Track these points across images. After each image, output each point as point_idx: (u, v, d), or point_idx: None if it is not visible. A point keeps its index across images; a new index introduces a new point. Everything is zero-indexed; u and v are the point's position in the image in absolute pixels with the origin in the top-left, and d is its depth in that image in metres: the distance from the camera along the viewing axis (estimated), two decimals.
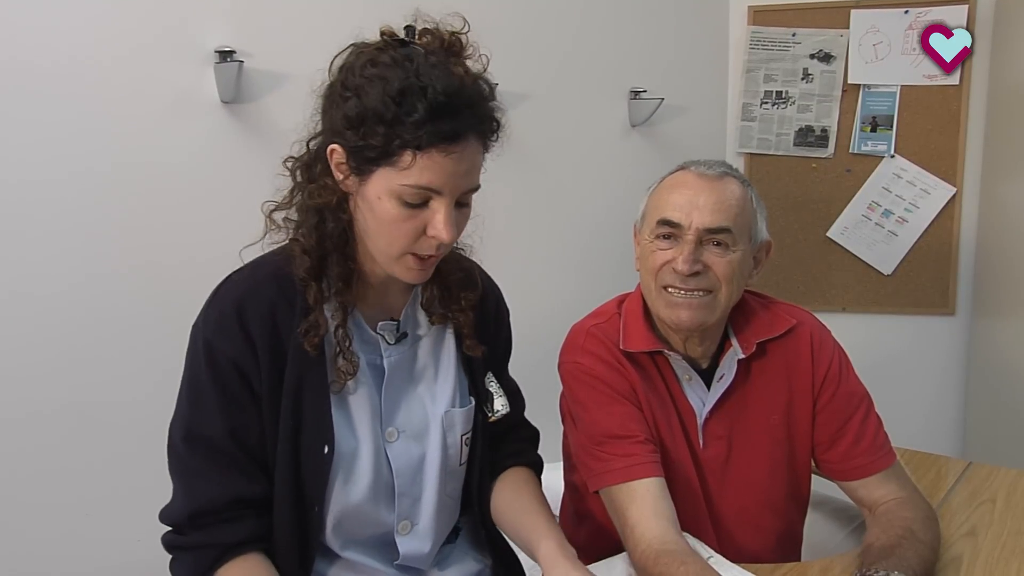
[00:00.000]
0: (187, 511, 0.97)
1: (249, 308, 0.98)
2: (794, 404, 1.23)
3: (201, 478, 0.98)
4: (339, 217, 0.99)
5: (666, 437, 1.19)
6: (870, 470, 1.20)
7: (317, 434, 1.00)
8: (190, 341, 1.01)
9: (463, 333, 1.11)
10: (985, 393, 2.59)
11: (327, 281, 1.01)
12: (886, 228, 2.68)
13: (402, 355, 1.08)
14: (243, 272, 1.03)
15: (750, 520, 1.22)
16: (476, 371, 1.14)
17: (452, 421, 1.10)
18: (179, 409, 1.01)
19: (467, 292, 1.12)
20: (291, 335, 0.99)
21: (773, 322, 1.23)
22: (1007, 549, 1.20)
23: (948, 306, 2.69)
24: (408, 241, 0.95)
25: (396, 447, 1.06)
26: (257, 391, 0.99)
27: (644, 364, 1.21)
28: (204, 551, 0.97)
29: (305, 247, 0.99)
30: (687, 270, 1.12)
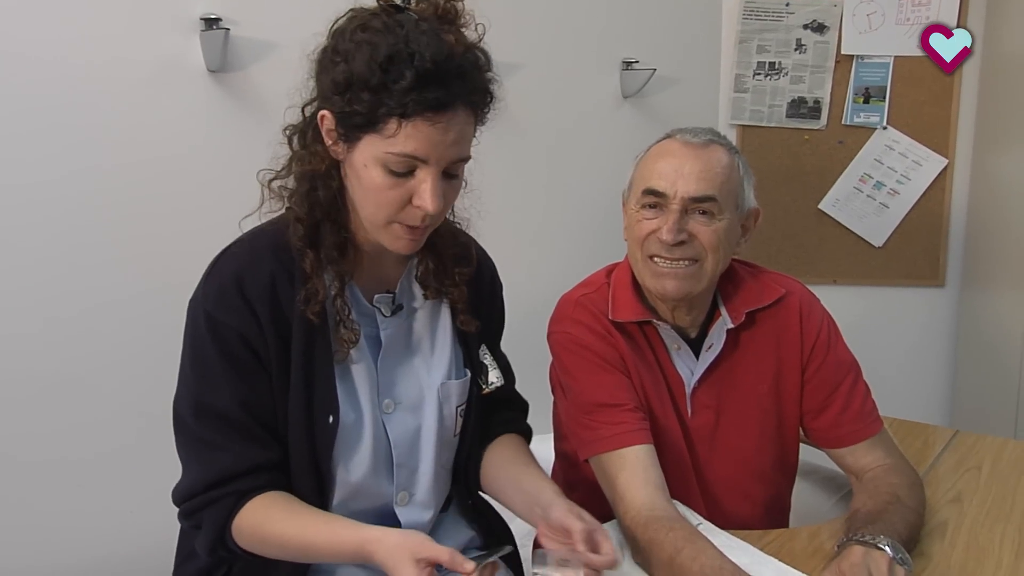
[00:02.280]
0: (204, 481, 0.97)
1: (248, 279, 0.97)
2: (783, 373, 1.23)
3: (217, 450, 0.97)
4: (329, 184, 0.98)
5: (655, 406, 1.19)
6: (857, 437, 1.20)
7: (323, 404, 1.00)
8: (189, 316, 0.99)
9: (457, 308, 1.11)
10: (973, 363, 2.61)
11: (323, 250, 1.00)
12: (877, 200, 2.68)
13: (398, 327, 1.08)
14: (240, 244, 1.02)
15: (738, 488, 1.23)
16: (471, 344, 1.14)
17: (448, 393, 1.10)
18: (184, 385, 1.00)
19: (462, 267, 1.11)
20: (292, 305, 0.98)
21: (762, 291, 1.23)
22: (991, 515, 1.22)
23: (938, 278, 2.70)
24: (393, 210, 0.94)
25: (393, 418, 1.06)
26: (264, 361, 0.98)
27: (633, 334, 1.21)
28: (223, 500, 0.97)
29: (298, 215, 0.99)
30: (672, 239, 1.12)
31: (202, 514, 0.98)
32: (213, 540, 0.98)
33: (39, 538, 1.65)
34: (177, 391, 1.01)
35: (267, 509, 0.97)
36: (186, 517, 1.00)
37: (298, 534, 0.96)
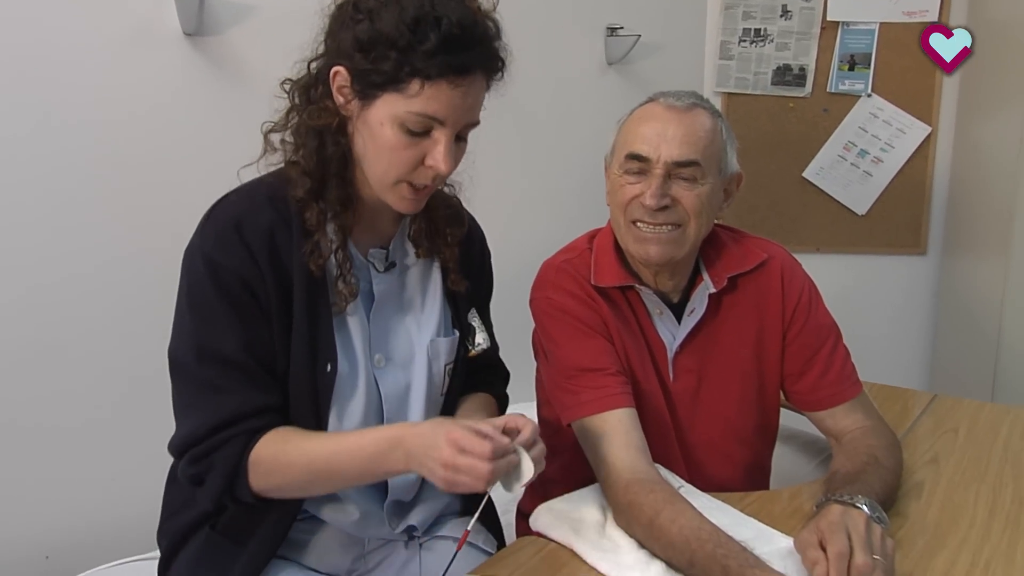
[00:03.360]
0: (210, 425, 0.95)
1: (247, 225, 0.97)
2: (764, 337, 1.24)
3: (223, 393, 0.96)
4: (339, 141, 0.99)
5: (637, 370, 1.20)
6: (837, 400, 1.22)
7: (322, 353, 1.01)
8: (186, 263, 0.99)
9: (448, 268, 1.13)
10: (952, 330, 2.64)
11: (326, 204, 1.01)
12: (861, 168, 2.68)
13: (390, 284, 1.09)
14: (238, 192, 1.02)
15: (719, 451, 1.24)
16: (460, 305, 1.16)
17: (437, 350, 1.11)
18: (183, 330, 0.98)
19: (453, 228, 1.14)
20: (292, 256, 0.99)
21: (744, 256, 1.24)
22: (967, 475, 1.24)
23: (920, 246, 2.72)
24: (406, 169, 0.96)
25: (384, 373, 1.07)
26: (263, 305, 0.98)
27: (615, 299, 1.21)
28: (234, 440, 0.96)
29: (306, 169, 0.99)
30: (655, 204, 1.12)
31: (212, 457, 0.96)
32: (224, 483, 0.96)
33: (20, 508, 1.65)
34: (173, 340, 1.00)
35: (284, 437, 0.98)
36: (193, 463, 0.97)
37: (323, 447, 0.97)
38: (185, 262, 0.99)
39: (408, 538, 1.17)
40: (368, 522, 1.12)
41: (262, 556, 1.04)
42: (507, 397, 1.28)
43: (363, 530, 1.12)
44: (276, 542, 1.04)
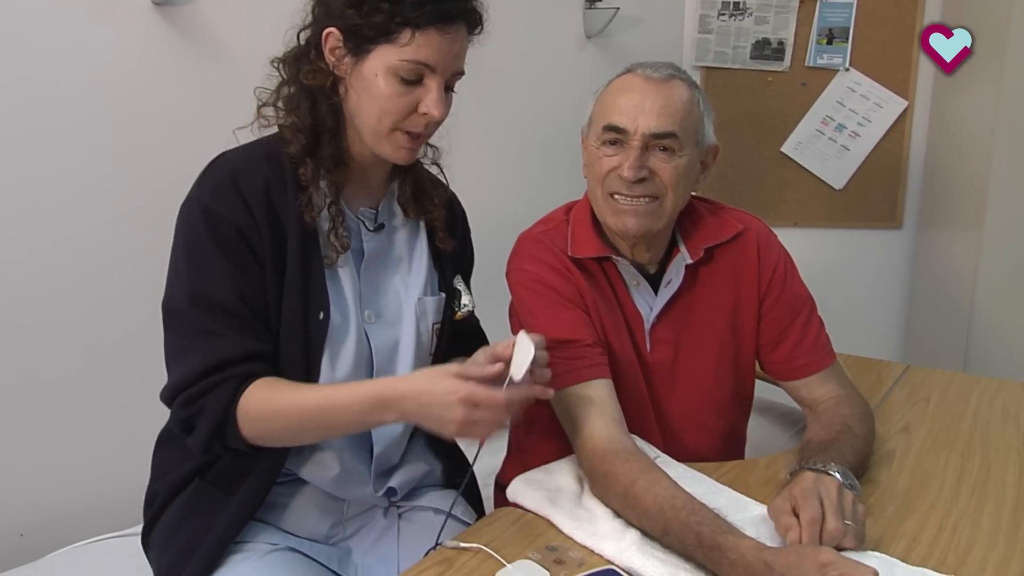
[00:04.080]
0: (201, 369, 0.97)
1: (244, 178, 1.01)
2: (740, 307, 1.25)
3: (215, 338, 0.98)
4: (332, 99, 1.04)
5: (614, 341, 1.20)
6: (811, 369, 1.23)
7: (315, 301, 1.04)
8: (183, 215, 1.03)
9: (435, 227, 1.17)
10: (927, 302, 2.68)
11: (319, 160, 1.05)
12: (839, 143, 2.70)
13: (380, 243, 1.13)
14: (235, 150, 1.06)
15: (696, 421, 1.25)
16: (445, 267, 1.19)
17: (424, 309, 1.14)
18: (178, 280, 1.01)
19: (438, 189, 1.20)
20: (287, 209, 1.03)
21: (721, 227, 1.24)
22: (937, 443, 1.27)
23: (896, 220, 2.75)
24: (400, 116, 1.01)
25: (374, 329, 1.10)
26: (259, 256, 1.01)
27: (592, 270, 1.22)
28: (225, 384, 0.98)
29: (300, 126, 1.04)
30: (633, 176, 1.12)
31: (202, 401, 0.97)
32: (214, 428, 0.97)
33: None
34: (168, 291, 1.02)
35: (274, 385, 1.00)
36: (184, 406, 0.98)
37: (316, 396, 0.99)
38: (182, 214, 1.03)
39: (388, 503, 1.19)
40: (349, 481, 1.13)
41: (247, 508, 1.06)
42: None
43: (344, 489, 1.14)
44: (262, 493, 1.07)
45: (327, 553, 1.12)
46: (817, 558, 0.76)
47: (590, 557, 0.94)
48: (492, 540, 0.97)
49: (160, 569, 1.09)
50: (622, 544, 0.94)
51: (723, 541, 0.84)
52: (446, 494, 1.23)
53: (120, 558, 1.36)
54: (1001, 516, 1.03)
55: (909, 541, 0.97)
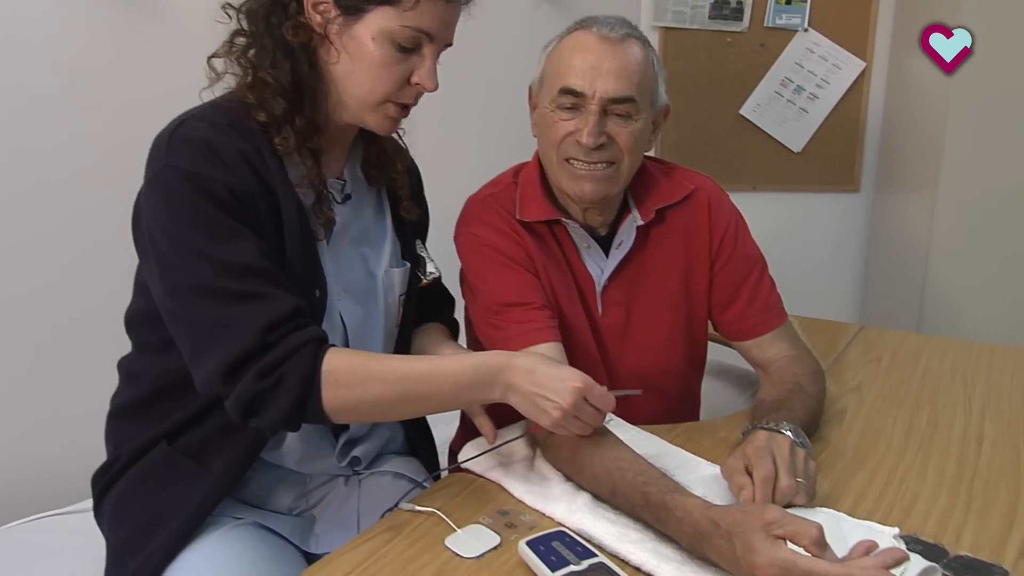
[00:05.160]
0: (257, 328, 0.88)
1: (219, 148, 0.92)
2: (692, 268, 1.27)
3: (256, 300, 0.89)
4: (314, 60, 0.98)
5: (564, 304, 1.21)
6: (763, 329, 1.26)
7: (311, 278, 1.00)
8: (160, 191, 0.92)
9: (400, 195, 1.15)
10: (883, 265, 2.74)
11: (293, 129, 0.98)
12: (797, 105, 2.73)
13: (347, 215, 1.09)
14: (193, 117, 0.96)
15: (649, 384, 1.26)
16: (408, 236, 1.17)
17: (391, 281, 1.13)
18: (183, 256, 0.90)
19: (401, 155, 1.17)
20: (276, 183, 0.96)
21: (672, 188, 1.25)
22: (888, 400, 1.30)
23: (853, 183, 2.80)
24: (392, 87, 0.98)
25: (345, 305, 1.08)
26: (259, 222, 0.94)
27: (541, 233, 1.22)
28: (304, 350, 0.89)
29: (280, 90, 0.97)
30: (593, 143, 1.12)
31: (283, 369, 0.88)
32: (298, 396, 0.88)
33: None
34: (171, 276, 0.91)
35: (359, 353, 0.96)
36: (259, 378, 0.88)
37: (418, 363, 0.97)
38: (156, 191, 0.92)
39: (351, 472, 1.19)
40: (313, 459, 1.13)
41: (225, 483, 1.01)
42: (457, 323, 1.30)
43: (308, 466, 1.13)
44: (243, 468, 1.03)
45: (290, 525, 1.11)
46: (763, 516, 0.78)
47: (541, 520, 0.95)
48: (444, 505, 0.98)
49: (118, 541, 1.04)
50: (573, 506, 0.95)
51: (669, 500, 0.86)
52: (407, 460, 1.24)
53: (61, 536, 1.34)
54: (946, 469, 1.07)
55: (857, 496, 1.00)
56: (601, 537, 0.88)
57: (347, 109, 1.00)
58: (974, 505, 0.98)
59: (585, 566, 0.80)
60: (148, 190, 0.94)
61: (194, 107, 0.98)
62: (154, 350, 1.03)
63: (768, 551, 0.74)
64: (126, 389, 1.09)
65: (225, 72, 1.00)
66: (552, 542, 0.84)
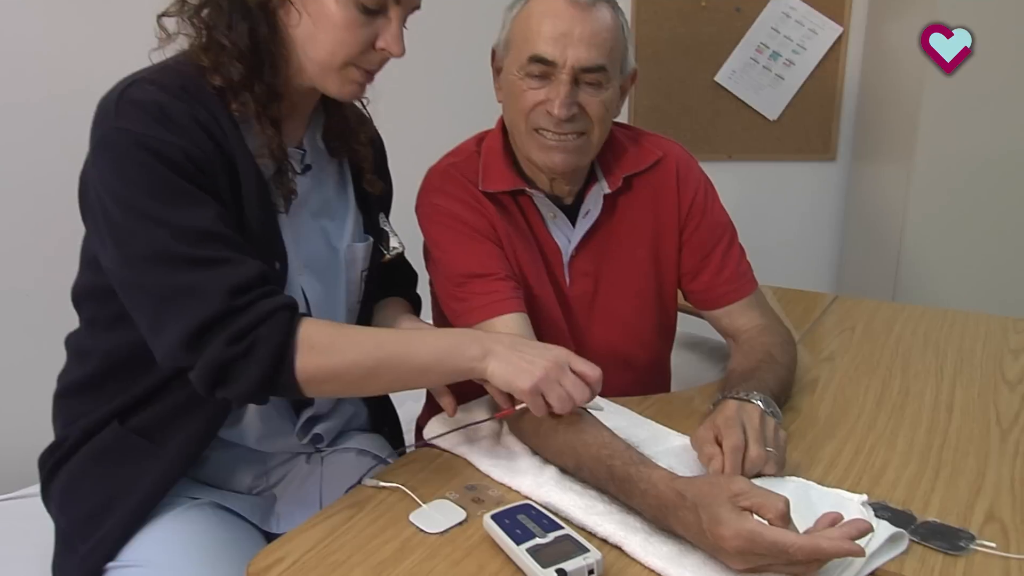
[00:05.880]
0: (224, 292, 0.86)
1: (173, 112, 0.90)
2: (661, 236, 1.27)
3: (220, 264, 0.87)
4: (273, 22, 0.96)
5: (530, 276, 1.21)
6: (733, 297, 1.27)
7: (272, 250, 0.99)
8: (107, 155, 0.89)
9: (363, 168, 1.13)
10: (859, 234, 2.77)
11: (251, 94, 0.96)
12: (773, 71, 2.73)
13: (307, 186, 1.07)
14: (142, 79, 0.92)
15: (619, 355, 1.28)
16: (372, 209, 1.16)
17: (354, 256, 1.11)
18: (137, 224, 0.87)
19: (364, 126, 1.14)
20: (234, 151, 0.94)
21: (640, 155, 1.25)
22: (860, 370, 1.32)
23: (830, 152, 2.81)
24: (356, 51, 0.95)
25: (306, 280, 1.07)
26: (217, 189, 0.92)
27: (505, 203, 1.21)
28: (279, 313, 0.87)
29: (238, 53, 0.94)
30: (565, 115, 1.10)
31: (255, 334, 0.86)
32: (271, 363, 0.86)
33: None
34: (124, 246, 0.88)
35: (333, 323, 0.95)
36: (231, 343, 0.85)
37: (391, 332, 0.97)
38: (105, 157, 0.89)
39: (313, 450, 1.19)
40: (273, 437, 1.12)
41: (179, 464, 1.00)
42: (419, 298, 1.29)
43: (268, 445, 1.13)
44: (199, 448, 1.02)
45: (250, 505, 1.10)
46: (730, 487, 0.78)
47: (508, 494, 0.95)
48: (409, 480, 0.98)
49: (67, 525, 1.02)
50: (540, 480, 0.96)
51: (634, 472, 0.86)
52: (371, 437, 1.24)
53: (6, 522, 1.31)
54: (916, 437, 1.09)
55: (827, 465, 1.02)
56: (568, 510, 0.89)
57: (308, 74, 0.98)
58: (943, 472, 1.00)
59: (551, 538, 0.80)
60: (95, 156, 0.91)
61: (143, 69, 0.95)
62: (104, 326, 1.01)
63: (734, 522, 0.75)
64: (74, 367, 1.07)
65: (177, 33, 0.97)
66: (518, 515, 0.85)
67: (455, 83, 2.31)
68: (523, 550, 0.79)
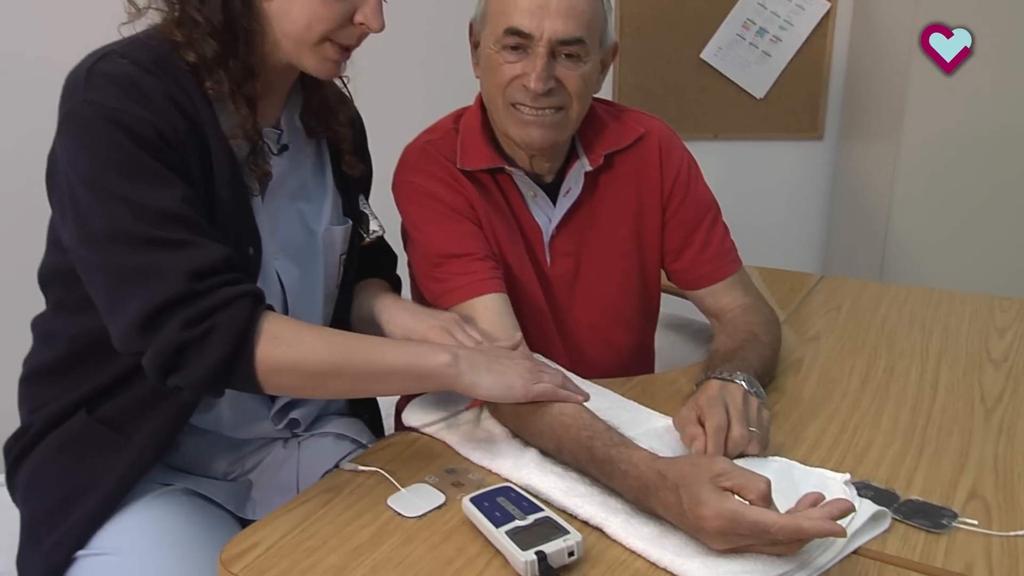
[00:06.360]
0: (183, 274, 0.84)
1: (145, 87, 0.88)
2: (643, 215, 1.27)
3: (182, 247, 0.86)
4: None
5: (510, 256, 1.21)
6: (717, 277, 1.27)
7: (245, 235, 0.97)
8: (77, 134, 0.87)
9: (342, 149, 1.11)
10: (846, 213, 2.78)
11: (226, 72, 0.94)
12: (760, 48, 2.72)
13: (283, 167, 1.05)
14: (112, 52, 0.91)
15: (602, 336, 1.28)
16: (351, 191, 1.15)
17: (332, 239, 1.10)
18: (100, 200, 0.86)
19: (344, 106, 1.13)
20: (207, 129, 0.93)
21: (621, 132, 1.25)
22: (845, 350, 1.33)
23: (817, 130, 2.81)
24: (333, 25, 0.94)
25: (281, 265, 1.05)
26: (188, 169, 0.90)
27: (484, 182, 1.21)
28: (241, 301, 0.86)
29: (211, 29, 0.92)
30: (541, 88, 1.10)
31: (213, 319, 0.84)
32: (228, 351, 0.84)
33: None
34: (86, 223, 0.87)
35: (297, 319, 0.95)
36: (187, 327, 0.83)
37: (365, 336, 0.97)
38: (72, 131, 0.88)
39: (290, 435, 1.18)
40: (247, 423, 1.12)
41: (147, 456, 0.99)
42: (399, 279, 1.29)
43: (242, 432, 1.13)
44: (167, 441, 1.01)
45: (225, 492, 1.10)
46: (711, 468, 0.78)
47: (489, 477, 0.95)
48: (388, 463, 0.98)
49: (32, 516, 1.02)
50: (520, 462, 0.96)
51: (615, 454, 0.86)
52: (349, 421, 1.23)
53: None
54: (900, 416, 1.10)
55: (811, 445, 1.02)
56: (549, 492, 0.89)
57: (283, 51, 0.97)
58: (926, 450, 1.01)
59: (531, 520, 0.81)
60: (62, 130, 0.90)
61: (113, 42, 0.94)
62: (71, 309, 1.00)
63: (715, 502, 0.75)
64: (40, 350, 1.06)
65: (147, 7, 0.95)
66: (497, 498, 0.85)
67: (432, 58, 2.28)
68: (502, 533, 0.79)
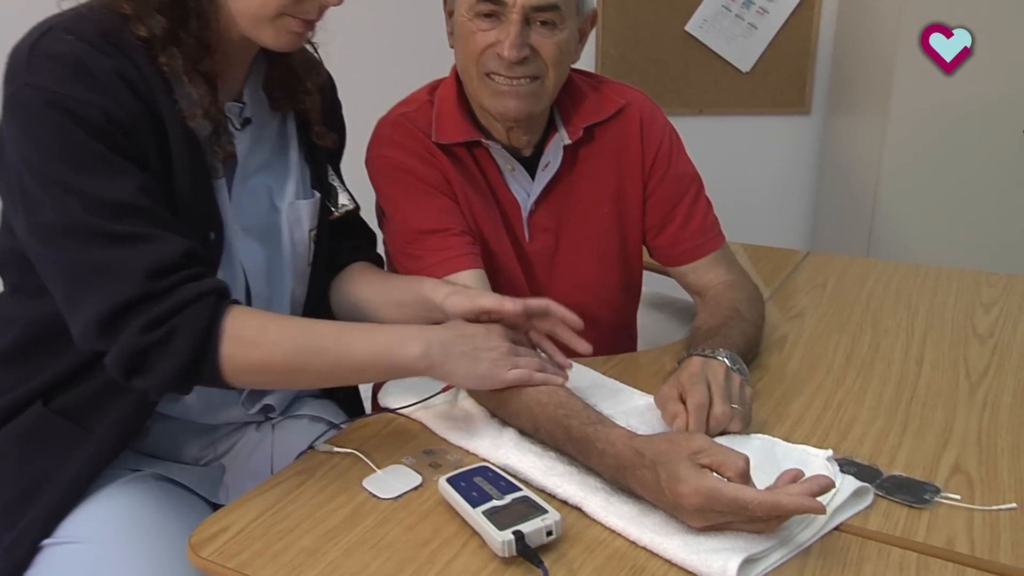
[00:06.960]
0: (140, 273, 0.82)
1: (93, 65, 0.85)
2: (624, 189, 1.26)
3: (135, 241, 0.83)
4: None
5: (487, 231, 1.20)
6: (699, 252, 1.27)
7: (206, 219, 0.95)
8: (19, 118, 0.85)
9: (311, 119, 1.09)
10: (833, 189, 2.80)
11: (180, 48, 0.91)
12: (746, 20, 2.72)
13: (247, 143, 1.03)
14: (64, 25, 0.87)
15: (582, 313, 1.26)
16: (319, 163, 1.12)
17: (298, 214, 1.08)
18: (48, 192, 0.83)
19: (312, 74, 1.09)
20: (162, 109, 0.90)
21: (601, 104, 1.24)
22: (829, 327, 1.34)
23: (804, 105, 2.82)
24: (287, 0, 0.91)
25: (245, 246, 1.04)
26: (142, 153, 0.88)
27: (460, 156, 1.20)
28: (202, 301, 0.85)
29: (158, 5, 0.89)
30: (515, 56, 1.09)
31: (175, 321, 0.83)
32: (191, 354, 0.84)
33: None
34: (33, 215, 0.85)
35: (264, 312, 0.94)
36: (147, 330, 0.83)
37: (327, 323, 0.95)
38: (15, 117, 0.85)
39: (263, 418, 1.18)
40: (218, 410, 1.11)
41: (109, 448, 0.97)
42: (381, 259, 1.27)
43: (214, 418, 1.12)
44: (130, 432, 0.99)
45: (197, 477, 1.09)
46: (689, 445, 0.79)
47: (467, 458, 0.95)
48: (364, 444, 0.98)
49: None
50: (498, 442, 0.96)
51: (591, 432, 0.86)
52: (324, 403, 1.23)
53: None
54: (884, 392, 1.11)
55: (794, 422, 1.03)
56: (527, 471, 0.89)
57: (238, 25, 0.94)
58: (910, 426, 1.01)
59: (508, 500, 0.81)
60: (7, 113, 0.86)
61: (55, 15, 0.90)
62: (28, 293, 0.97)
63: (693, 480, 0.75)
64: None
65: None
66: (474, 478, 0.85)
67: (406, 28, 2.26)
68: (479, 512, 0.79)
